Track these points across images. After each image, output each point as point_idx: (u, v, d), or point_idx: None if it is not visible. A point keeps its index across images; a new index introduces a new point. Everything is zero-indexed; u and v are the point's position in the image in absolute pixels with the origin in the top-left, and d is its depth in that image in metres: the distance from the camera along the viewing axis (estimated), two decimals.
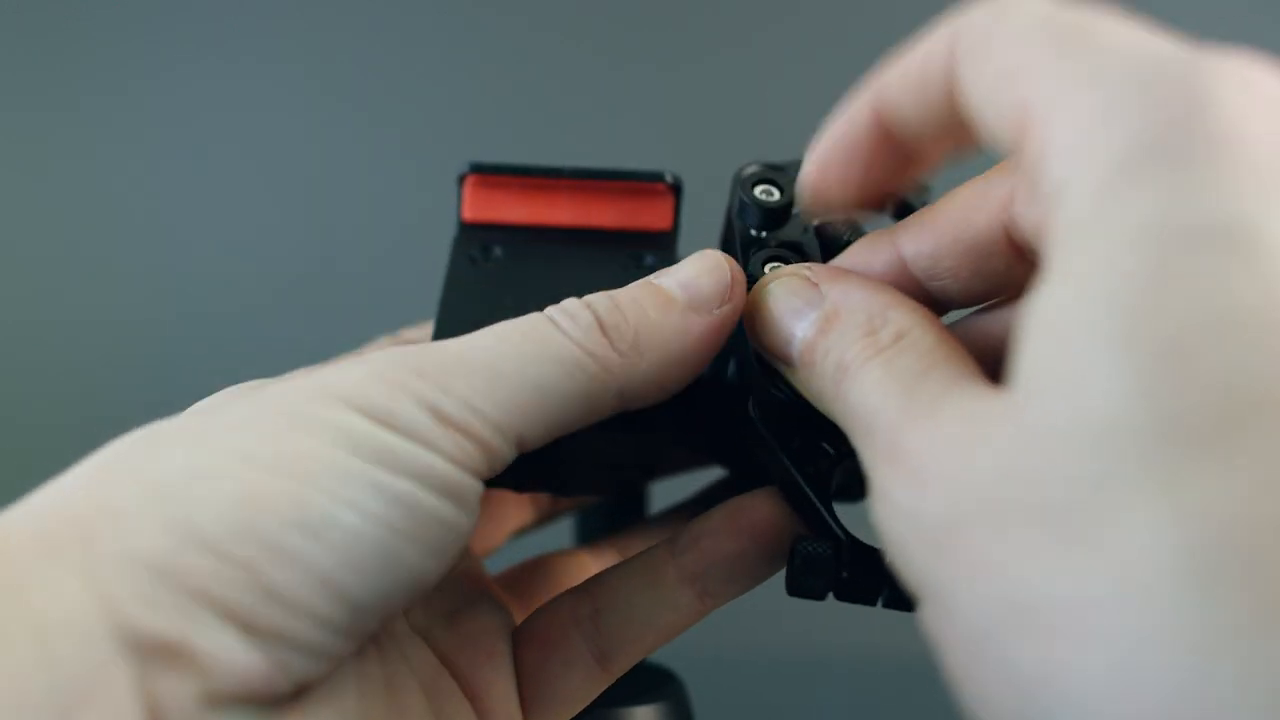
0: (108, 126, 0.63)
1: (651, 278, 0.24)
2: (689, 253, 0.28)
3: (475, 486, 0.20)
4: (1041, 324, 0.16)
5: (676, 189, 0.29)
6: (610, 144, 0.60)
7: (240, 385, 0.23)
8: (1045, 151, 0.17)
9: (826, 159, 0.22)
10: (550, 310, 0.23)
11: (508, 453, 0.21)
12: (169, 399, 0.61)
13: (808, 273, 0.23)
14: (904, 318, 0.21)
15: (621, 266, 0.28)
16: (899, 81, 0.21)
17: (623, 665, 0.26)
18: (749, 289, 0.24)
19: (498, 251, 0.28)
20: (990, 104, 0.19)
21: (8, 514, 0.19)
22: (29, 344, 0.63)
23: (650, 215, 0.29)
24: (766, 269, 0.25)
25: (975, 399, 0.17)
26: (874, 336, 0.20)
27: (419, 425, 0.20)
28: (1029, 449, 0.15)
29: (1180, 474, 0.14)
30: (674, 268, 0.24)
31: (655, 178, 0.29)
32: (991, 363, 0.20)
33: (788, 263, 0.25)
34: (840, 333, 0.21)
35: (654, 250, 0.29)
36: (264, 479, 0.19)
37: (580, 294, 0.27)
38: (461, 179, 0.29)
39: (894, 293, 0.22)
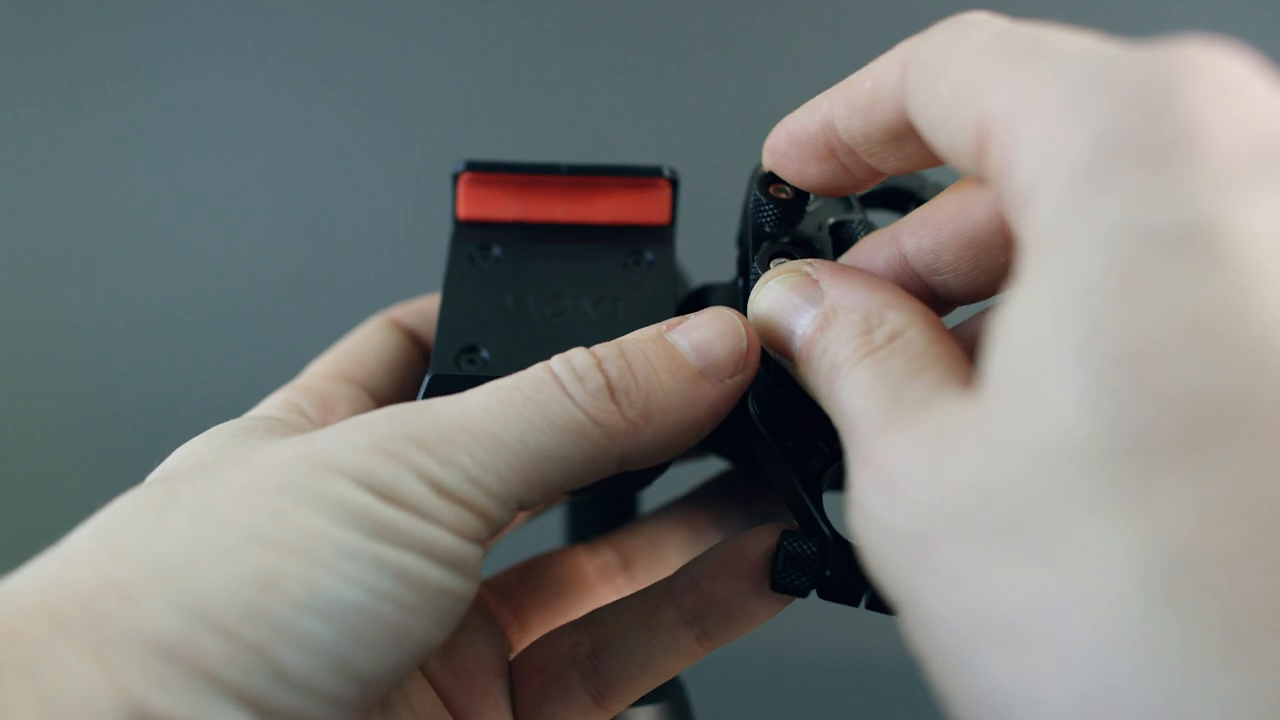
0: (107, 126, 0.63)
1: (666, 333, 0.23)
2: (687, 248, 0.28)
3: (477, 553, 0.20)
4: (1009, 334, 0.16)
5: (674, 183, 0.29)
6: (607, 140, 0.60)
7: (213, 434, 0.23)
8: (1011, 158, 0.17)
9: (776, 148, 0.23)
10: (558, 366, 0.22)
11: (507, 519, 0.21)
12: (170, 398, 0.61)
13: (809, 269, 0.23)
14: (900, 317, 0.20)
15: (621, 264, 0.28)
16: (848, 99, 0.21)
17: (619, 705, 0.25)
18: (755, 281, 0.24)
19: (496, 250, 0.28)
20: (946, 122, 0.18)
21: (11, 582, 0.19)
22: (29, 344, 0.63)
23: (648, 210, 0.29)
24: (772, 264, 0.25)
25: (950, 409, 0.17)
26: (868, 336, 0.20)
27: (421, 499, 0.20)
28: (996, 463, 0.15)
29: (1146, 490, 0.14)
30: (689, 323, 0.23)
31: (653, 172, 0.28)
32: None
33: (793, 259, 0.25)
34: (836, 331, 0.21)
35: (653, 245, 0.28)
36: (273, 559, 0.18)
37: (580, 292, 0.27)
38: (456, 177, 0.29)
39: (895, 290, 0.21)
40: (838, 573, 0.23)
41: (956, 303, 0.23)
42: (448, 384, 0.25)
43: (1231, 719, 0.13)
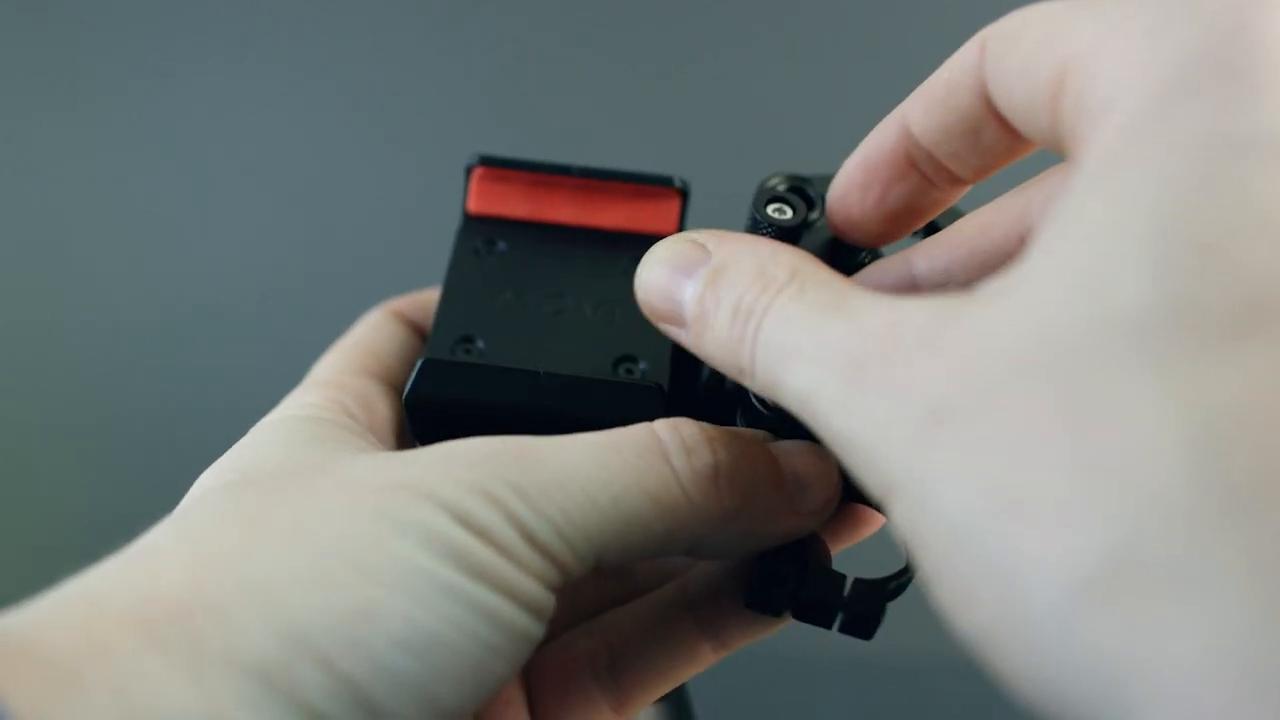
0: (107, 125, 0.63)
1: (773, 449, 0.23)
2: None
3: (553, 602, 0.20)
4: (1065, 228, 0.16)
5: (684, 193, 0.28)
6: (617, 145, 0.60)
7: (281, 431, 0.23)
8: (1088, 84, 0.17)
9: (848, 181, 0.23)
10: (665, 433, 0.22)
11: (582, 575, 0.21)
12: (169, 398, 0.61)
13: (695, 235, 0.22)
14: (793, 256, 0.20)
15: (624, 271, 0.28)
16: (925, 96, 0.21)
17: (636, 711, 0.26)
18: None
19: (501, 245, 0.28)
20: (1025, 75, 0.18)
21: (89, 585, 0.19)
22: (30, 344, 0.63)
23: (657, 218, 0.28)
24: None
25: (945, 306, 0.17)
26: (768, 277, 0.20)
27: (513, 545, 0.20)
28: (1040, 336, 0.15)
29: (1195, 363, 0.14)
30: (792, 447, 0.23)
31: (664, 182, 0.28)
32: None
33: None
34: (731, 280, 0.20)
35: None
36: (374, 592, 0.18)
37: (581, 294, 0.27)
38: (469, 170, 0.29)
39: (780, 244, 0.21)
40: (812, 594, 0.23)
41: (970, 180, 0.23)
42: (441, 369, 0.25)
43: (1258, 571, 0.13)
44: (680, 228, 0.29)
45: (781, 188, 0.26)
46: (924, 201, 0.23)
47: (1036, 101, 0.18)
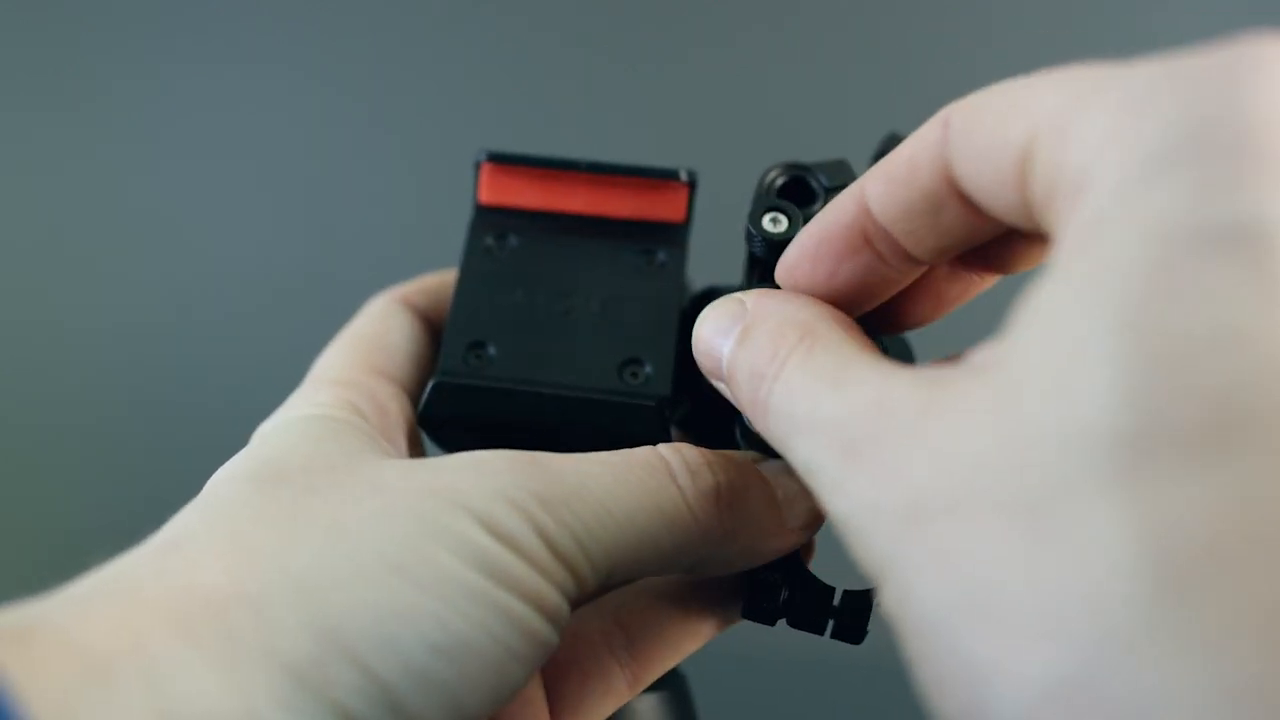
0: (108, 125, 0.63)
1: (761, 469, 0.24)
2: (700, 250, 0.28)
3: (568, 612, 0.21)
4: (1039, 315, 0.16)
5: (692, 184, 0.29)
6: (623, 139, 0.60)
7: (306, 428, 0.23)
8: (1063, 153, 0.16)
9: (801, 251, 0.22)
10: (669, 454, 0.23)
11: (595, 587, 0.21)
12: (169, 398, 0.61)
13: (740, 295, 0.23)
14: (809, 314, 0.21)
15: (633, 264, 0.28)
16: (886, 172, 0.20)
17: (648, 682, 0.26)
18: None
19: (512, 241, 0.29)
20: (989, 150, 0.18)
21: (124, 573, 0.19)
22: (30, 344, 0.63)
23: (665, 208, 0.29)
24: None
25: (930, 387, 0.17)
26: (783, 339, 0.20)
27: (537, 553, 0.20)
28: (1007, 441, 0.15)
29: (1156, 481, 0.14)
30: (777, 465, 0.24)
31: (670, 175, 0.29)
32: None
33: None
34: (751, 343, 0.21)
35: (666, 245, 0.29)
36: (410, 594, 0.19)
37: (589, 291, 0.28)
38: (478, 165, 0.29)
39: (812, 299, 0.22)
40: (804, 602, 0.25)
41: (923, 261, 0.22)
42: (450, 392, 0.26)
43: (1215, 713, 0.13)
44: (688, 216, 0.29)
45: (781, 181, 0.26)
46: (875, 280, 0.22)
47: (1002, 177, 0.18)
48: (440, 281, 0.30)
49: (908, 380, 0.17)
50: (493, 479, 0.21)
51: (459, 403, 0.26)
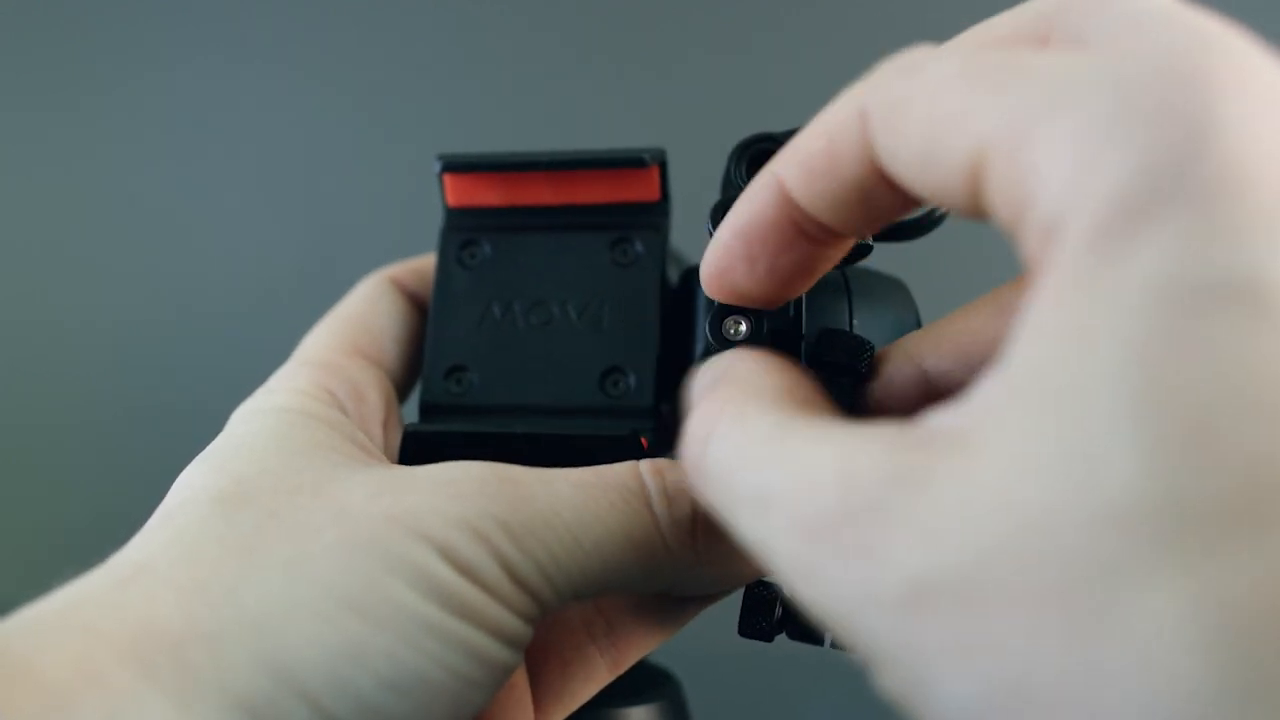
0: (107, 124, 0.64)
1: None
2: (681, 238, 0.27)
3: (530, 633, 0.21)
4: (1024, 380, 0.15)
5: (661, 165, 0.28)
6: (603, 124, 0.60)
7: (272, 427, 0.23)
8: (1028, 190, 0.15)
9: (728, 254, 0.21)
10: (650, 478, 0.22)
11: (559, 608, 0.21)
12: (169, 397, 0.61)
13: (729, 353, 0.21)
14: (745, 368, 0.19)
15: (610, 259, 0.28)
16: (804, 165, 0.19)
17: (628, 665, 0.26)
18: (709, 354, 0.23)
19: (485, 249, 0.28)
20: (930, 159, 0.17)
21: (82, 608, 0.19)
22: (30, 344, 0.63)
23: (638, 189, 0.28)
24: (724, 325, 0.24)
25: (895, 454, 0.15)
26: (714, 397, 0.19)
27: (497, 582, 0.20)
28: (1020, 523, 0.14)
29: (1204, 559, 0.13)
30: None
31: (635, 161, 0.27)
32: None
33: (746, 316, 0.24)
34: (700, 398, 0.20)
35: (642, 230, 0.28)
36: (363, 631, 0.19)
37: (566, 296, 0.27)
38: (439, 174, 0.28)
39: (752, 354, 0.20)
40: (801, 616, 0.24)
41: (862, 236, 0.22)
42: (423, 439, 0.26)
43: None
44: (664, 194, 0.28)
45: (746, 158, 0.25)
46: (816, 260, 0.21)
47: (949, 185, 0.17)
48: (431, 262, 0.29)
49: (869, 447, 0.16)
50: (458, 504, 0.21)
51: (433, 449, 0.25)
